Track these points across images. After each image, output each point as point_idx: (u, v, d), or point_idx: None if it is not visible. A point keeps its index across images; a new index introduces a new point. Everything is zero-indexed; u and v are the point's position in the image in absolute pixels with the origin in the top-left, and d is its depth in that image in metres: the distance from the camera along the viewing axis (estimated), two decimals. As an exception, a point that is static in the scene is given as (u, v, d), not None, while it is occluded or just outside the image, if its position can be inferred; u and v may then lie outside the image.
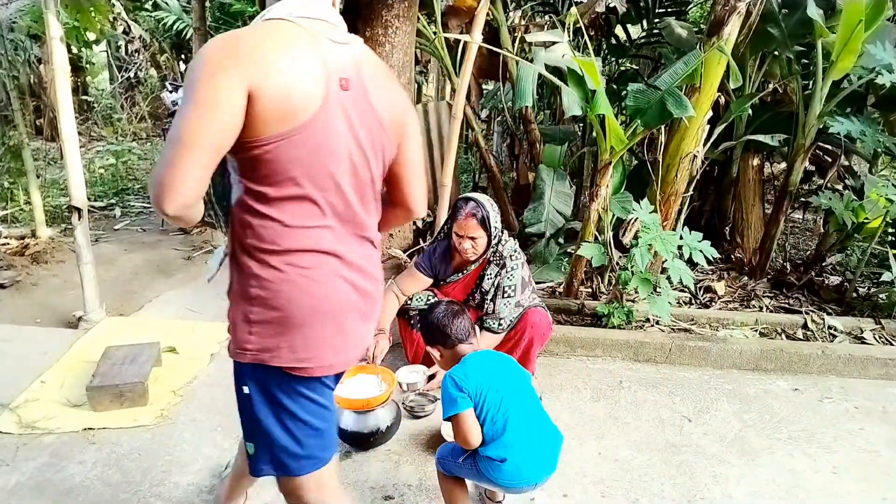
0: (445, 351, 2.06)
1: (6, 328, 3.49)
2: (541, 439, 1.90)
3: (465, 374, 1.90)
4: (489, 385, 1.89)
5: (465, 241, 2.75)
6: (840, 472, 2.55)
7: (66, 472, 2.34)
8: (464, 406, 1.84)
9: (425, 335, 2.14)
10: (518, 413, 1.87)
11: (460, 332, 2.04)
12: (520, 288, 2.81)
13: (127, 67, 10.43)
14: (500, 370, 1.98)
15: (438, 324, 2.05)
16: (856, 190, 4.40)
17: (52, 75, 3.31)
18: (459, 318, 2.07)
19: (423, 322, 2.12)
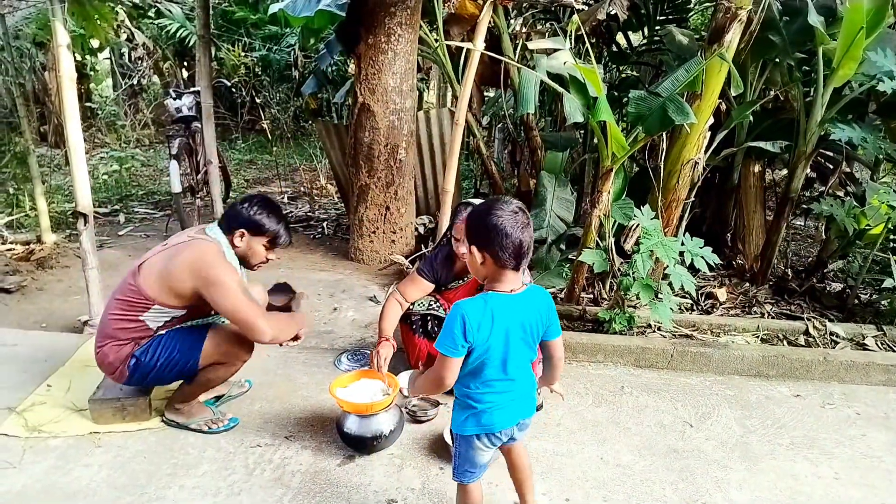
0: (487, 261, 1.74)
1: (12, 333, 3.51)
2: (516, 393, 1.86)
3: (479, 325, 1.70)
4: (496, 344, 1.75)
5: (463, 246, 2.76)
6: (842, 477, 2.55)
7: (72, 475, 2.35)
8: (456, 355, 1.73)
9: (475, 231, 1.76)
10: (509, 369, 1.80)
11: (521, 254, 1.72)
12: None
13: (130, 75, 10.49)
14: (517, 327, 1.78)
15: (502, 230, 1.69)
16: (857, 197, 4.41)
17: (58, 82, 3.33)
18: (527, 233, 1.73)
19: (482, 217, 1.72)
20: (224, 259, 2.46)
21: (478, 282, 2.91)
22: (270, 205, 2.58)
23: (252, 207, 2.53)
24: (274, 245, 2.60)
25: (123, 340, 2.49)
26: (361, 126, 4.56)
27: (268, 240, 2.56)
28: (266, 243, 2.57)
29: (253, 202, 2.55)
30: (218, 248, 2.49)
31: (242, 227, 2.52)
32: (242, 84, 9.80)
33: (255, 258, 2.59)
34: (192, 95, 5.73)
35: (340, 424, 2.52)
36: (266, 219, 2.53)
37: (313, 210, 6.65)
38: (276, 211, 2.58)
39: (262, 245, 2.57)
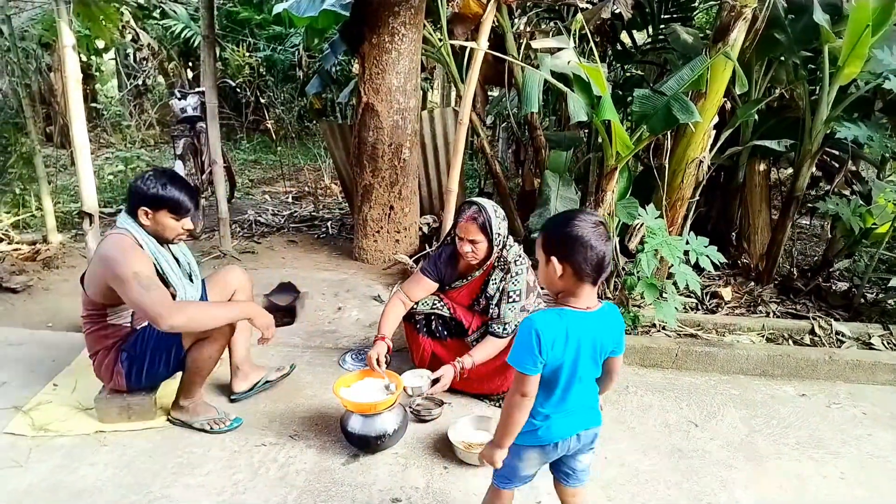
0: (566, 274, 1.66)
1: (19, 332, 3.53)
2: (577, 405, 1.80)
3: (554, 342, 1.63)
4: (567, 362, 1.68)
5: (466, 245, 2.76)
6: (848, 477, 2.54)
7: (78, 474, 2.36)
8: (535, 372, 1.64)
9: (555, 241, 1.69)
10: (574, 387, 1.74)
11: (602, 267, 1.66)
12: (524, 293, 2.82)
13: (135, 75, 10.53)
14: (588, 345, 1.71)
15: (587, 242, 1.63)
16: (863, 195, 4.40)
17: (64, 83, 3.35)
18: (609, 247, 1.68)
19: (563, 227, 1.67)
20: (129, 249, 2.42)
21: (481, 283, 2.92)
22: (165, 176, 2.52)
23: (147, 183, 2.48)
24: (179, 214, 2.53)
25: (109, 346, 2.57)
26: (365, 126, 4.57)
27: (169, 211, 2.50)
28: (171, 215, 2.52)
29: (146, 177, 2.50)
30: (123, 238, 2.46)
31: (143, 206, 2.48)
32: (247, 84, 9.82)
33: (169, 232, 2.55)
34: (196, 96, 5.75)
35: (344, 424, 2.53)
36: (163, 191, 2.47)
37: (317, 210, 6.66)
38: (172, 181, 2.52)
39: (168, 218, 2.51)
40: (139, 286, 2.35)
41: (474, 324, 2.93)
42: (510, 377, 2.85)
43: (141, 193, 2.48)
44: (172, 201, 2.49)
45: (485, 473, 2.44)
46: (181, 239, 2.64)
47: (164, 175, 2.53)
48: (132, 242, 2.47)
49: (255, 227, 5.94)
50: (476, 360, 2.77)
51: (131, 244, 2.46)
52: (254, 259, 4.95)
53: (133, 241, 2.48)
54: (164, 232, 2.54)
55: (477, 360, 2.77)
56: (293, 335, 3.65)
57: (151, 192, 2.47)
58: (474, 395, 3.01)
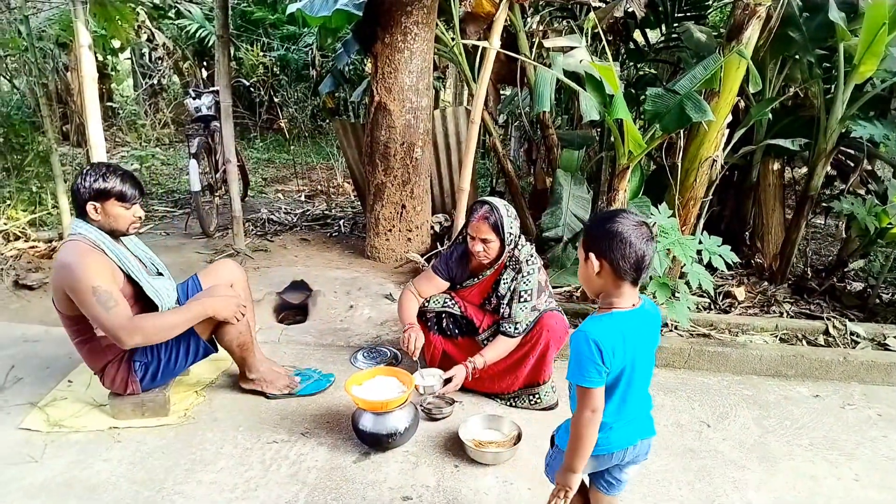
0: (605, 271, 1.63)
1: (34, 329, 3.58)
2: (635, 412, 1.77)
3: (614, 349, 1.58)
4: (627, 366, 1.65)
5: (477, 244, 2.76)
6: (862, 479, 2.52)
7: (92, 470, 2.39)
8: (599, 384, 1.60)
9: (594, 238, 1.65)
10: (632, 389, 1.71)
11: (641, 267, 1.61)
12: (536, 292, 2.82)
13: (151, 74, 10.63)
14: (645, 345, 1.69)
15: (626, 238, 1.58)
16: (879, 195, 4.35)
17: (80, 82, 3.38)
18: (650, 248, 1.62)
19: (603, 224, 1.63)
20: (85, 254, 2.40)
21: (492, 282, 2.92)
22: (103, 167, 2.51)
23: (87, 178, 2.46)
24: (126, 201, 2.51)
25: (114, 358, 2.59)
26: (378, 125, 4.58)
27: (117, 199, 2.48)
28: (119, 203, 2.49)
29: (85, 173, 2.48)
30: (77, 244, 2.43)
31: (89, 201, 2.46)
32: (261, 83, 9.87)
33: (121, 221, 2.53)
34: (211, 95, 5.79)
35: (356, 422, 2.54)
36: (104, 182, 2.46)
37: (330, 208, 6.69)
38: (111, 171, 2.49)
39: (117, 207, 2.49)
40: (98, 304, 2.35)
41: (485, 322, 2.93)
42: (521, 376, 2.86)
43: (84, 189, 2.45)
44: (116, 189, 2.48)
45: (494, 472, 2.45)
46: (136, 228, 2.61)
47: (101, 166, 2.51)
48: (87, 246, 2.44)
49: (268, 225, 5.97)
50: (488, 359, 2.78)
51: (87, 248, 2.43)
52: (266, 257, 4.98)
53: (89, 245, 2.45)
54: (117, 223, 2.52)
55: (488, 359, 2.78)
56: (305, 333, 3.67)
57: (95, 186, 2.45)
58: (485, 394, 3.01)
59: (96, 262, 2.42)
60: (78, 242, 2.45)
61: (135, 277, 2.54)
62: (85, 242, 2.45)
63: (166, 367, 2.62)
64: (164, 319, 2.51)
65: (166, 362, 2.61)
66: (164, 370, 2.63)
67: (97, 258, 2.43)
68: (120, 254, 2.53)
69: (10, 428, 2.64)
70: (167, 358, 2.60)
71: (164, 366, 2.61)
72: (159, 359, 2.60)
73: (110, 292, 2.38)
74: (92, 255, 2.42)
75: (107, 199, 2.47)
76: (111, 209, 2.49)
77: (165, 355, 2.60)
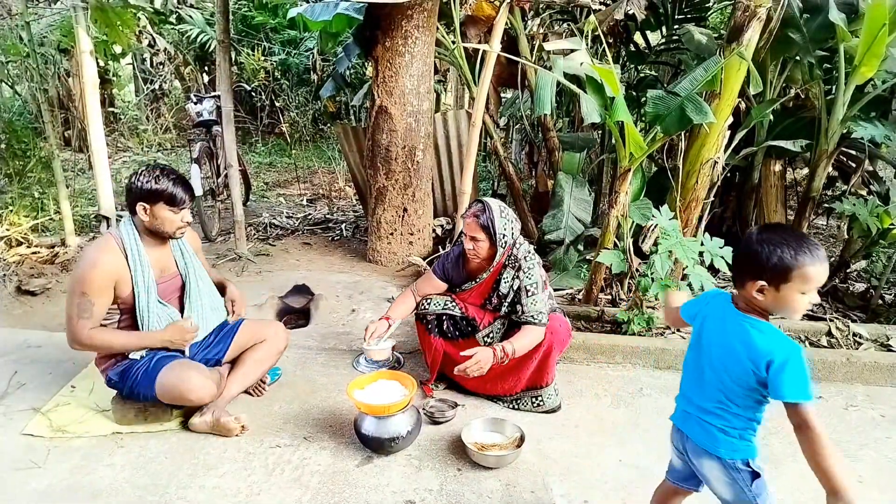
0: (770, 290, 1.56)
1: (37, 334, 3.58)
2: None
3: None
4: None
5: (468, 241, 2.78)
6: (866, 480, 2.51)
7: (95, 475, 2.39)
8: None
9: (744, 264, 1.60)
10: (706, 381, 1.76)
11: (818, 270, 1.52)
12: (541, 285, 2.82)
13: (152, 79, 10.64)
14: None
15: (787, 246, 1.50)
16: (880, 195, 4.35)
17: (82, 88, 3.39)
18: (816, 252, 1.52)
19: (749, 246, 1.57)
20: (101, 252, 2.48)
21: (491, 282, 2.91)
22: (158, 169, 2.55)
23: (141, 178, 2.51)
24: (176, 205, 2.54)
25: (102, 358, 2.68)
26: (379, 128, 4.59)
27: (166, 203, 2.52)
28: (168, 207, 2.53)
29: (140, 173, 2.53)
30: (108, 240, 2.53)
31: (140, 201, 2.51)
32: (262, 88, 9.89)
33: (168, 225, 2.57)
34: (212, 100, 5.80)
35: (358, 426, 2.54)
36: (156, 184, 2.49)
37: (332, 212, 6.69)
38: (165, 173, 2.53)
39: (166, 210, 2.53)
40: (75, 306, 2.46)
41: (486, 320, 2.93)
42: (524, 377, 2.86)
43: (136, 189, 2.51)
44: (168, 193, 2.51)
45: (497, 476, 2.44)
46: (182, 233, 2.65)
47: (156, 168, 2.55)
48: (114, 246, 2.51)
49: (269, 229, 5.98)
50: (517, 347, 2.71)
51: (111, 248, 2.51)
52: (268, 261, 4.98)
53: (115, 246, 2.51)
54: (163, 226, 2.56)
55: (517, 348, 2.72)
56: (308, 337, 3.67)
57: (146, 187, 2.49)
58: (488, 397, 3.01)
59: (105, 267, 2.47)
60: (110, 239, 2.55)
61: (136, 295, 2.56)
62: (116, 242, 2.53)
63: (133, 392, 2.64)
64: (116, 342, 2.58)
65: (130, 390, 2.64)
66: (130, 392, 2.65)
67: (111, 262, 2.49)
68: (142, 268, 2.56)
69: (13, 433, 2.64)
70: (130, 389, 2.63)
71: (128, 390, 2.64)
72: (127, 386, 2.63)
73: (93, 303, 2.47)
74: (108, 257, 2.49)
75: (157, 201, 2.52)
76: (159, 212, 2.53)
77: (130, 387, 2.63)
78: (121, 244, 2.53)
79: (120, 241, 2.54)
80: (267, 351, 2.91)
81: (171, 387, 2.53)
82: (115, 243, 2.53)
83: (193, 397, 2.55)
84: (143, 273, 2.56)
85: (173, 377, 2.53)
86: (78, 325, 2.47)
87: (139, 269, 2.55)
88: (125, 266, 2.52)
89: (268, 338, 2.92)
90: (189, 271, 2.74)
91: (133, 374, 2.59)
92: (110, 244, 2.53)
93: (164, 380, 2.54)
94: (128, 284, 2.53)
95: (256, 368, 2.88)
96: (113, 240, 2.54)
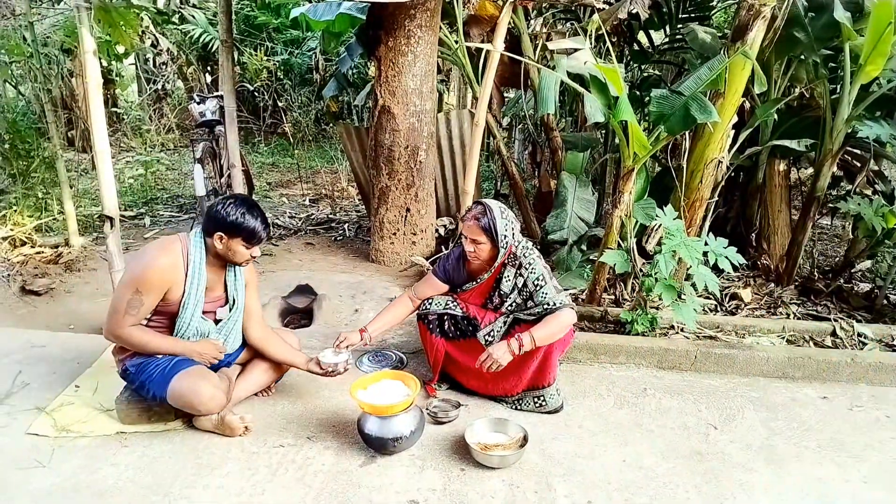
0: None
1: (41, 334, 3.59)
2: None
3: None
4: None
5: (468, 244, 2.77)
6: (871, 481, 2.50)
7: (99, 474, 2.39)
8: None
9: None
10: None
11: None
12: (547, 276, 2.81)
13: (155, 80, 10.66)
14: None
15: None
16: (886, 195, 4.33)
17: (85, 88, 3.39)
18: None
19: None
20: (162, 254, 2.52)
21: (492, 282, 2.90)
22: (245, 205, 2.57)
23: (228, 209, 2.53)
24: (251, 243, 2.58)
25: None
26: (382, 128, 4.59)
27: (244, 239, 2.56)
28: (244, 243, 2.57)
29: (227, 203, 2.55)
30: (173, 242, 2.58)
31: (220, 231, 2.54)
32: (264, 88, 9.91)
33: (238, 257, 2.61)
34: (215, 100, 5.80)
35: (361, 426, 2.54)
36: (241, 219, 2.52)
37: (334, 212, 6.70)
38: (251, 209, 2.57)
39: (241, 245, 2.57)
40: (124, 301, 2.49)
41: (487, 319, 2.92)
42: (525, 377, 2.85)
43: (220, 218, 2.53)
44: (249, 230, 2.55)
45: (500, 476, 2.44)
46: (247, 264, 2.71)
47: (245, 203, 2.58)
48: (177, 249, 2.56)
49: (272, 229, 5.98)
50: (539, 336, 2.66)
51: (175, 250, 2.55)
52: (272, 261, 4.99)
53: (179, 251, 2.56)
54: (234, 257, 2.61)
55: (541, 336, 2.67)
56: (311, 337, 3.67)
57: (231, 219, 2.52)
58: (490, 398, 3.01)
59: (165, 269, 2.52)
60: (176, 243, 2.59)
61: (184, 305, 2.59)
62: (182, 248, 2.57)
63: (142, 389, 2.65)
64: (151, 343, 2.59)
65: (142, 386, 2.64)
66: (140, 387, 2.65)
67: (171, 266, 2.54)
68: (194, 283, 2.59)
69: (17, 433, 2.65)
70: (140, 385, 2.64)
71: (141, 386, 2.64)
72: (139, 381, 2.64)
73: (143, 302, 2.50)
74: (170, 259, 2.54)
75: (236, 235, 2.55)
76: (235, 245, 2.57)
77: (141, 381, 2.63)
78: (185, 253, 2.57)
79: (186, 250, 2.57)
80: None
81: (183, 394, 2.54)
82: (181, 249, 2.57)
83: (203, 409, 2.57)
84: (197, 287, 2.59)
85: (186, 385, 2.54)
86: (123, 319, 2.50)
87: (195, 282, 2.58)
88: (182, 273, 2.56)
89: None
90: (237, 298, 2.78)
91: (151, 370, 2.59)
92: (175, 249, 2.56)
93: (177, 386, 2.54)
94: (179, 290, 2.56)
95: (266, 376, 2.92)
96: (178, 244, 2.58)
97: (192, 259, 2.57)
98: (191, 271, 2.56)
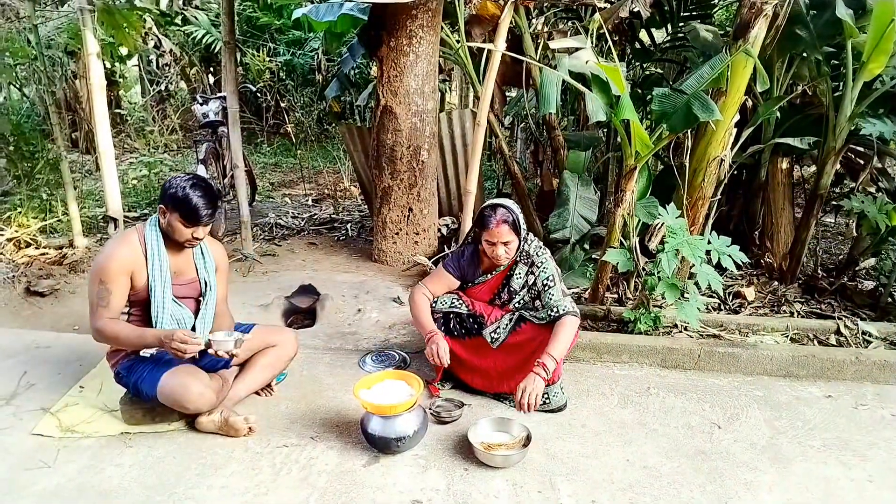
0: None
1: (46, 335, 3.60)
2: None
3: None
4: None
5: (499, 248, 2.76)
6: (876, 480, 2.50)
7: (104, 475, 2.40)
8: None
9: None
10: None
11: None
12: (557, 277, 2.84)
13: (158, 81, 10.67)
14: None
15: None
16: (889, 192, 4.31)
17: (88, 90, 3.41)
18: None
19: None
20: (119, 246, 2.56)
21: (502, 277, 2.91)
22: (190, 180, 2.54)
23: (172, 182, 2.52)
24: (189, 222, 2.53)
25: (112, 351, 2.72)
26: (384, 128, 4.59)
27: (181, 216, 2.52)
28: (181, 220, 2.53)
29: (176, 177, 2.54)
30: (129, 233, 2.62)
31: (162, 203, 2.55)
32: (267, 89, 9.91)
33: (178, 235, 2.57)
34: (218, 100, 5.81)
35: (365, 426, 2.54)
36: (180, 193, 2.50)
37: (337, 212, 6.70)
38: (194, 187, 2.52)
39: (178, 222, 2.53)
40: (95, 294, 2.53)
41: (493, 316, 2.93)
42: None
43: (165, 190, 2.55)
44: (188, 208, 2.51)
45: (504, 475, 2.44)
46: (192, 245, 2.64)
47: (189, 179, 2.55)
48: (134, 238, 2.59)
49: (275, 229, 5.99)
50: (556, 354, 2.66)
51: (131, 240, 2.59)
52: (274, 261, 4.99)
53: (134, 238, 2.59)
54: (174, 234, 2.58)
55: (558, 352, 2.66)
56: (314, 337, 3.68)
57: (172, 192, 2.52)
58: (494, 396, 3.01)
59: (121, 257, 2.54)
60: (132, 233, 2.63)
61: (152, 288, 2.60)
62: (138, 235, 2.61)
63: (136, 389, 2.66)
64: (121, 334, 2.56)
65: (136, 386, 2.65)
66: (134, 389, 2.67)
67: (128, 252, 2.56)
68: (160, 262, 2.60)
69: (22, 433, 2.66)
70: (136, 382, 2.65)
71: (134, 386, 2.66)
72: (132, 382, 2.66)
73: (109, 291, 2.53)
74: (125, 248, 2.56)
75: (174, 210, 2.54)
76: (173, 221, 2.55)
77: (134, 380, 2.65)
78: (142, 237, 2.59)
79: (142, 234, 2.60)
80: (276, 357, 2.94)
81: (171, 392, 2.55)
82: (136, 236, 2.60)
83: (191, 407, 2.57)
84: (160, 268, 2.60)
85: (174, 383, 2.55)
86: (98, 312, 2.53)
87: (156, 262, 2.59)
88: (142, 258, 2.57)
89: (278, 344, 2.95)
90: (208, 280, 2.77)
91: (140, 370, 2.62)
92: (130, 237, 2.60)
93: (166, 384, 2.55)
94: (143, 276, 2.57)
95: (264, 373, 2.92)
96: (135, 233, 2.61)
97: (149, 242, 2.58)
98: (150, 254, 2.58)
